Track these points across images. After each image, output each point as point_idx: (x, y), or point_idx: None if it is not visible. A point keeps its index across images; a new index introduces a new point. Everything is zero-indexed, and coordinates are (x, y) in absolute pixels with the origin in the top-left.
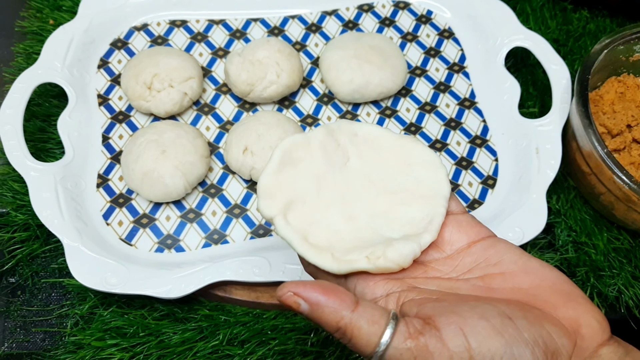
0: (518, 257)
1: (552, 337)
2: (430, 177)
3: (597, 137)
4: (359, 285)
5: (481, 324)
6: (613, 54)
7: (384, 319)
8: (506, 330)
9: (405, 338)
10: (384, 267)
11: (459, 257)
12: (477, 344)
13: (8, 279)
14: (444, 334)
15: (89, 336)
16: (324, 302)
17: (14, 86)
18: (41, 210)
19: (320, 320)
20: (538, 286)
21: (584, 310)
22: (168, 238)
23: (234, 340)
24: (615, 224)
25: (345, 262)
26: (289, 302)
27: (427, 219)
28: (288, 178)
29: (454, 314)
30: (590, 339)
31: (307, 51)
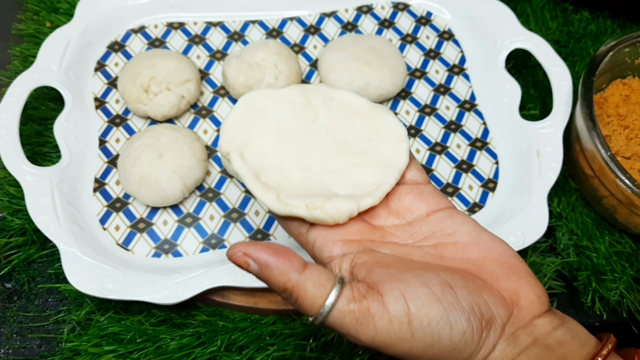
0: (472, 230)
1: (488, 306)
2: (392, 147)
3: (601, 139)
4: (319, 241)
5: (422, 290)
6: (618, 56)
7: (330, 282)
8: (445, 298)
9: (349, 301)
10: (319, 217)
11: (417, 224)
12: (416, 309)
13: (4, 284)
14: (386, 298)
15: (86, 342)
16: (273, 263)
17: (10, 89)
18: (37, 215)
19: (268, 281)
20: (485, 258)
21: (525, 284)
22: (165, 243)
23: (232, 346)
24: (617, 227)
25: (286, 205)
26: (239, 261)
27: (375, 185)
28: (250, 123)
29: (397, 280)
30: (527, 311)
31: (305, 53)
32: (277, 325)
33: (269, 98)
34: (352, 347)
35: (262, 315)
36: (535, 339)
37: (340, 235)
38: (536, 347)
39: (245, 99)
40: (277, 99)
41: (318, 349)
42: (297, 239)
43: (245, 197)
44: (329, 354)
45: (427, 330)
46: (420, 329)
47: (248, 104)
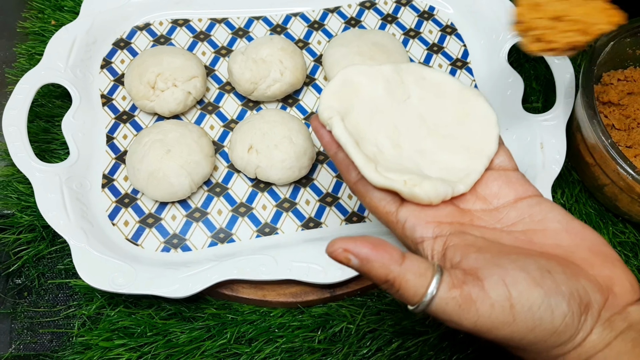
0: (562, 217)
1: (586, 291)
2: (481, 132)
3: (602, 128)
4: (410, 220)
5: (522, 275)
6: (619, 47)
7: (429, 271)
8: (545, 283)
9: (450, 288)
10: (418, 195)
11: (504, 210)
12: (517, 293)
13: (14, 280)
14: (486, 284)
15: (97, 337)
16: (373, 257)
17: (18, 87)
18: (47, 211)
19: (369, 274)
20: (577, 245)
21: (619, 272)
22: (174, 237)
23: (242, 338)
24: (620, 217)
25: (384, 178)
26: (340, 257)
27: (464, 172)
28: (347, 96)
29: (496, 266)
30: (621, 297)
31: (309, 49)
32: (286, 317)
33: (366, 74)
34: (360, 338)
35: (270, 307)
36: (630, 324)
37: (432, 217)
38: (632, 332)
39: (343, 73)
40: (373, 75)
41: (326, 340)
42: (385, 217)
43: (253, 192)
44: (337, 346)
45: (528, 314)
46: (522, 312)
47: (346, 77)
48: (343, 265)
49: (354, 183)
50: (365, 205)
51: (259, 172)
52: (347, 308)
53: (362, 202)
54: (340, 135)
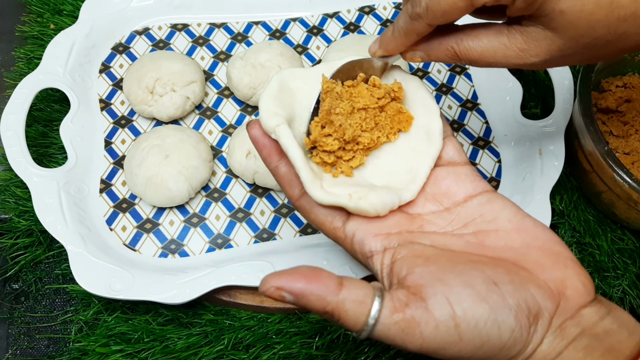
0: (513, 215)
1: (535, 300)
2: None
3: (599, 135)
4: (358, 234)
5: (466, 291)
6: None
7: (369, 297)
8: (491, 297)
9: (392, 312)
10: (364, 208)
11: (455, 210)
12: (462, 312)
13: (11, 285)
14: (430, 304)
15: (94, 342)
16: (307, 291)
17: (16, 91)
18: (44, 216)
19: (306, 307)
20: (529, 245)
21: (571, 273)
22: (172, 243)
23: (239, 344)
24: (618, 224)
25: (329, 195)
26: (274, 296)
27: (410, 175)
28: (286, 103)
29: (440, 282)
30: (574, 300)
31: (308, 54)
32: (284, 323)
33: (301, 77)
34: (358, 345)
35: (268, 313)
36: (583, 329)
37: (380, 228)
38: (584, 338)
39: (278, 77)
40: (309, 77)
41: (324, 347)
42: (332, 233)
43: (251, 197)
44: (335, 352)
45: (475, 332)
46: (468, 331)
47: (281, 81)
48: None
49: (297, 199)
50: (310, 222)
51: (257, 177)
52: None
53: (307, 218)
54: (289, 146)
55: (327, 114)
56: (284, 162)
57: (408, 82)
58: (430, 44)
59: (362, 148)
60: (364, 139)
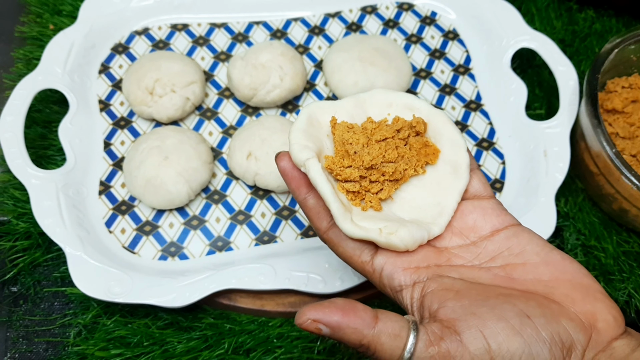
0: (540, 249)
1: (568, 333)
2: (451, 162)
3: (606, 137)
4: (387, 268)
5: (500, 325)
6: (623, 54)
7: (404, 331)
8: (525, 330)
9: (427, 346)
10: (394, 244)
11: (482, 244)
12: (496, 346)
13: (10, 288)
14: (465, 337)
15: (93, 346)
16: (344, 324)
17: (15, 93)
18: (43, 218)
19: (342, 340)
20: (557, 279)
21: (602, 306)
22: (171, 246)
23: (240, 349)
24: (624, 226)
25: (360, 229)
26: (311, 328)
27: (437, 209)
28: (314, 136)
29: (473, 316)
30: (606, 333)
31: (310, 54)
32: (285, 327)
33: (328, 110)
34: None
35: (269, 317)
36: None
37: (408, 263)
38: None
39: (306, 110)
40: (335, 111)
41: (326, 351)
42: (360, 266)
43: (252, 199)
44: (336, 356)
45: None
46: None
47: (309, 114)
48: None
49: (325, 231)
50: (337, 255)
51: (258, 179)
52: None
53: (335, 251)
54: (319, 181)
55: (341, 145)
56: (312, 195)
57: (434, 117)
58: None
59: (389, 179)
60: (388, 168)
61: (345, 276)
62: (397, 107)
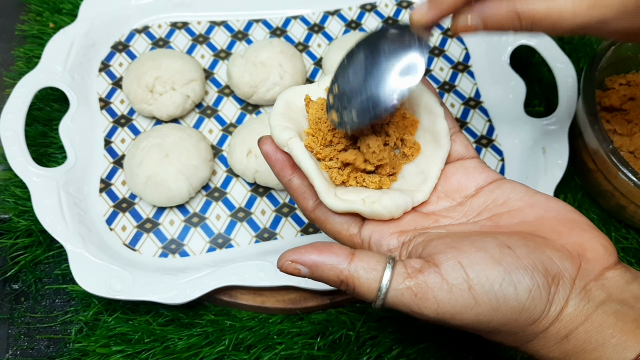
0: (523, 194)
1: (553, 261)
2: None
3: (603, 133)
4: (375, 236)
5: (479, 255)
6: (621, 51)
7: (380, 264)
8: (504, 259)
9: (404, 278)
10: (378, 212)
11: (467, 202)
12: (475, 274)
13: (11, 285)
14: (443, 269)
15: (94, 342)
16: (320, 261)
17: (15, 91)
18: (44, 216)
19: (322, 279)
20: (543, 217)
21: (589, 236)
22: (172, 243)
23: (240, 345)
24: (623, 222)
25: (344, 202)
26: (290, 269)
27: (421, 177)
28: (294, 119)
29: (453, 249)
30: (596, 262)
31: (309, 52)
32: (285, 324)
33: (303, 94)
34: (360, 345)
35: (269, 314)
36: (609, 293)
37: (395, 228)
38: (612, 303)
39: (283, 95)
40: (310, 92)
41: (326, 347)
42: (349, 240)
43: (252, 196)
44: (337, 353)
45: (490, 294)
46: (483, 293)
47: (287, 98)
48: (294, 276)
49: (312, 210)
50: (326, 232)
51: (258, 176)
52: (347, 314)
53: (323, 229)
54: (302, 158)
55: (315, 124)
56: (297, 175)
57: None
58: (487, 5)
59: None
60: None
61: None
62: None
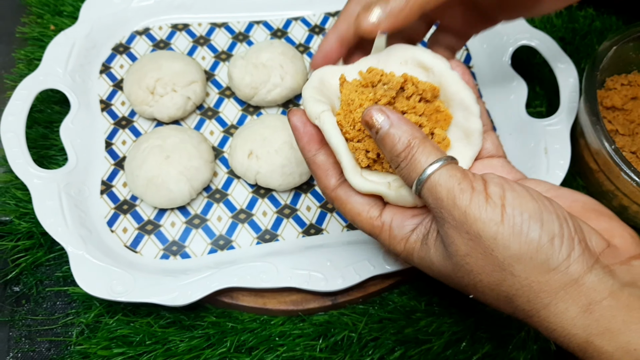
0: (549, 187)
1: (582, 231)
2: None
3: (605, 133)
4: (396, 220)
5: (522, 189)
6: (622, 51)
7: (441, 154)
8: (542, 202)
9: (456, 170)
10: (404, 197)
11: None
12: (512, 198)
13: (12, 287)
14: (489, 184)
15: (95, 345)
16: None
17: (16, 93)
18: (45, 218)
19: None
20: (570, 206)
21: (617, 225)
22: (173, 244)
23: (242, 347)
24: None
25: (370, 182)
26: (370, 118)
27: None
28: (326, 96)
29: (501, 179)
30: (624, 250)
31: (310, 53)
32: (287, 325)
33: (338, 73)
34: (362, 347)
35: (271, 316)
36: (635, 280)
37: (417, 211)
38: (639, 290)
39: (317, 73)
40: (346, 71)
41: (328, 349)
42: (368, 222)
43: (253, 198)
44: (339, 354)
45: (517, 218)
46: (511, 215)
47: (322, 76)
48: (371, 128)
49: (333, 189)
50: (344, 213)
51: (259, 178)
52: (348, 316)
53: (342, 209)
54: (333, 133)
55: (347, 105)
56: (323, 151)
57: (448, 79)
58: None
59: None
60: None
61: (346, 274)
62: (411, 66)
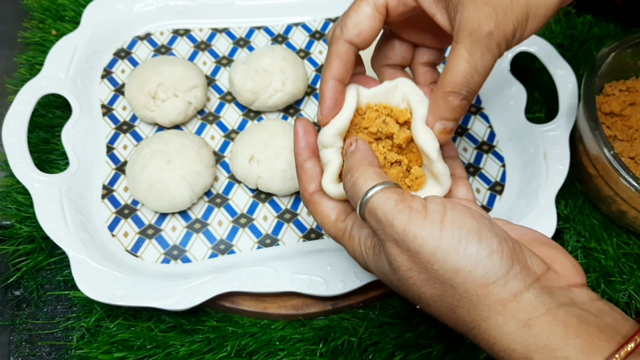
0: (503, 223)
1: (523, 253)
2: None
3: (604, 139)
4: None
5: (463, 208)
6: (621, 57)
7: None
8: (482, 221)
9: (394, 193)
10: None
11: None
12: (451, 215)
13: (13, 291)
14: (428, 202)
15: (96, 349)
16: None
17: (18, 97)
18: (46, 222)
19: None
20: (519, 237)
21: (560, 254)
22: (174, 249)
23: (242, 351)
24: (624, 228)
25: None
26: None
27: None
28: None
29: (442, 198)
30: (564, 276)
31: (311, 58)
32: (287, 330)
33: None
34: (363, 351)
35: (271, 320)
36: (573, 301)
37: None
38: (576, 309)
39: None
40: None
41: (328, 353)
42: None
43: (254, 202)
44: (339, 359)
45: (455, 233)
46: (450, 230)
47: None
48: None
49: (311, 193)
50: (315, 216)
51: (260, 182)
52: (349, 320)
53: (314, 212)
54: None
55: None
56: (313, 160)
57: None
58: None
59: None
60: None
61: (347, 279)
62: (405, 104)
